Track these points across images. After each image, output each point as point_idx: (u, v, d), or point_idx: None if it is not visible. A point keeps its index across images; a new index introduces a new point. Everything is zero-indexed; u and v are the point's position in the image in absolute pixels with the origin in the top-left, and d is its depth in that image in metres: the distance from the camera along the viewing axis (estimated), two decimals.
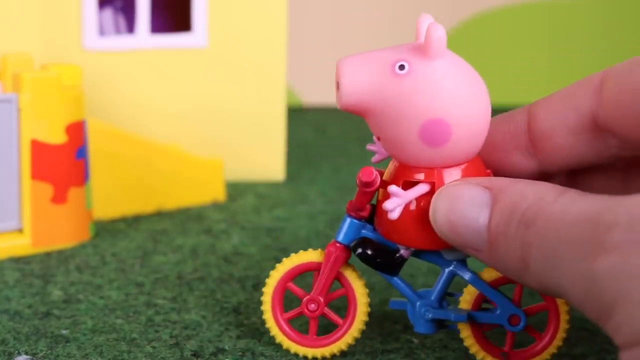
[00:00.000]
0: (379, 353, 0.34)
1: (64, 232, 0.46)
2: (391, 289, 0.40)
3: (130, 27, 0.54)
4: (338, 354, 0.34)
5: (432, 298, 0.33)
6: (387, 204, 0.30)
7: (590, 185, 0.34)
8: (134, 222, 0.50)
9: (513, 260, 0.27)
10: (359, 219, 0.33)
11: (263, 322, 0.35)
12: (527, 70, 0.73)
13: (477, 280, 0.32)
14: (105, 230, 0.48)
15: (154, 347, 0.35)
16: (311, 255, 0.34)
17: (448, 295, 0.33)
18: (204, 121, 0.56)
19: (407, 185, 0.31)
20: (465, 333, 0.33)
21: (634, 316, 0.23)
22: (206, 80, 0.55)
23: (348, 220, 0.33)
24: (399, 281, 0.33)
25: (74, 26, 0.52)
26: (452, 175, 0.31)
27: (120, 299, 0.40)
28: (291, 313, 0.34)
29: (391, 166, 0.32)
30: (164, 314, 0.38)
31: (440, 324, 0.33)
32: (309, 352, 0.34)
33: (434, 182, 0.30)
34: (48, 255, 0.45)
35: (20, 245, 0.45)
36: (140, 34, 0.54)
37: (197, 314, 0.38)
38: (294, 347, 0.34)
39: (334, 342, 0.34)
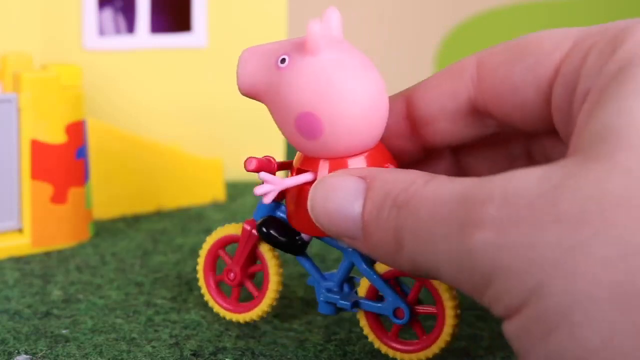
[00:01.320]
0: (378, 353, 0.34)
1: (63, 232, 0.46)
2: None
3: (130, 27, 0.54)
4: (250, 321, 0.36)
5: (333, 281, 0.34)
6: (256, 189, 0.31)
7: (476, 160, 0.36)
8: (133, 222, 0.50)
9: (387, 245, 0.28)
10: (276, 200, 0.34)
11: (260, 320, 0.36)
12: None
13: (368, 271, 0.33)
14: (105, 230, 0.48)
15: (153, 347, 0.35)
16: (235, 228, 0.36)
17: (348, 281, 0.34)
18: (204, 121, 0.56)
19: (299, 173, 0.32)
20: (362, 322, 0.34)
21: (512, 286, 0.24)
22: (206, 80, 0.55)
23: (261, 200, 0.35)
24: (305, 262, 0.34)
25: (74, 26, 0.52)
26: (341, 165, 0.31)
27: (120, 298, 0.40)
28: (218, 278, 0.37)
29: (297, 154, 0.33)
30: (163, 314, 0.38)
31: (340, 309, 0.34)
32: (227, 314, 0.37)
33: (316, 172, 0.31)
34: (48, 255, 0.45)
35: (20, 245, 0.45)
36: (140, 34, 0.54)
37: (196, 313, 0.38)
38: (216, 307, 0.37)
39: (247, 310, 0.36)
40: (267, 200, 0.31)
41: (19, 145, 0.45)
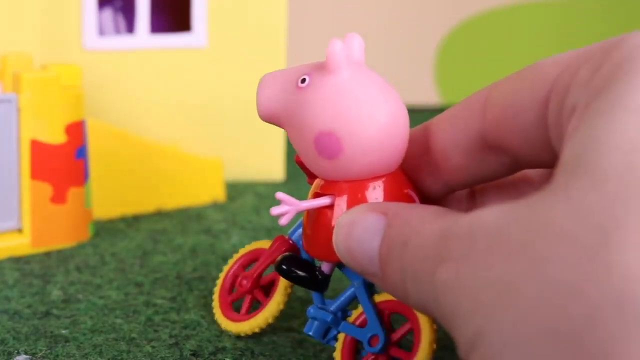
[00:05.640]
0: None
1: (63, 232, 0.46)
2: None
3: (130, 27, 0.54)
4: (258, 330, 0.35)
5: (332, 308, 0.33)
6: (273, 210, 0.31)
7: (490, 201, 0.34)
8: (133, 222, 0.50)
9: (398, 284, 0.27)
10: None
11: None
12: None
13: (365, 296, 0.32)
14: (105, 230, 0.48)
15: (153, 347, 0.35)
16: (262, 244, 0.37)
17: (343, 312, 0.33)
18: (204, 121, 0.56)
19: (317, 197, 0.31)
20: (337, 355, 0.33)
21: (463, 328, 0.23)
22: (206, 80, 0.55)
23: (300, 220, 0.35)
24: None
25: (74, 26, 0.52)
26: (360, 189, 0.31)
27: (120, 298, 0.40)
28: (233, 295, 0.37)
29: (317, 179, 0.32)
30: (163, 314, 0.38)
31: (325, 334, 0.33)
32: (233, 326, 0.36)
33: (334, 195, 0.31)
34: (47, 255, 0.45)
35: (19, 245, 0.45)
36: (140, 34, 0.54)
37: (196, 313, 0.38)
38: (224, 323, 0.36)
39: (254, 316, 0.36)
40: (284, 221, 0.30)
41: (18, 145, 0.45)
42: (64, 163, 0.46)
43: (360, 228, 0.28)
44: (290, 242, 0.35)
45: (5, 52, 0.49)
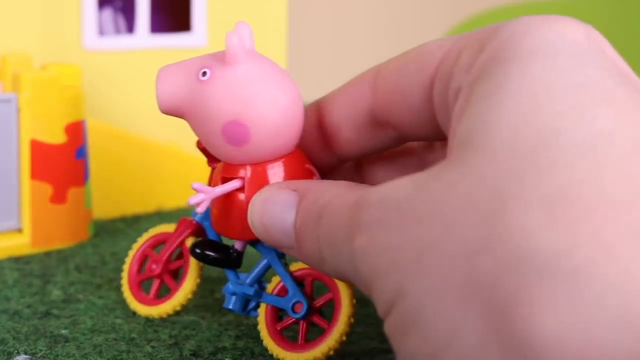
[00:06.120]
0: (378, 353, 0.34)
1: (63, 232, 0.46)
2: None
3: (130, 27, 0.54)
4: (166, 316, 0.37)
5: (247, 281, 0.35)
6: (190, 199, 0.32)
7: (376, 173, 0.37)
8: (133, 222, 0.50)
9: (314, 254, 0.29)
10: None
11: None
12: None
13: (280, 267, 0.34)
14: (105, 230, 0.48)
15: (153, 347, 0.35)
16: (169, 227, 0.38)
17: (258, 284, 0.35)
18: None
19: (225, 181, 0.33)
20: (260, 317, 0.34)
21: (382, 288, 0.25)
22: None
23: None
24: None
25: (74, 26, 0.52)
26: (267, 170, 0.33)
27: (120, 298, 0.40)
28: (141, 276, 0.38)
29: (220, 163, 0.34)
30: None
31: (246, 304, 0.35)
32: (142, 309, 0.38)
33: (244, 178, 0.33)
34: (47, 255, 0.45)
35: (19, 245, 0.45)
36: (140, 33, 0.54)
37: (196, 314, 0.38)
38: (133, 304, 0.38)
39: (163, 302, 0.37)
40: (201, 209, 0.33)
41: (18, 145, 0.45)
42: (64, 163, 0.46)
43: (274, 204, 0.31)
44: (195, 223, 0.37)
45: (5, 52, 0.49)
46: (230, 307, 0.35)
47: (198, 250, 0.35)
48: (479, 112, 0.26)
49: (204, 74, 0.32)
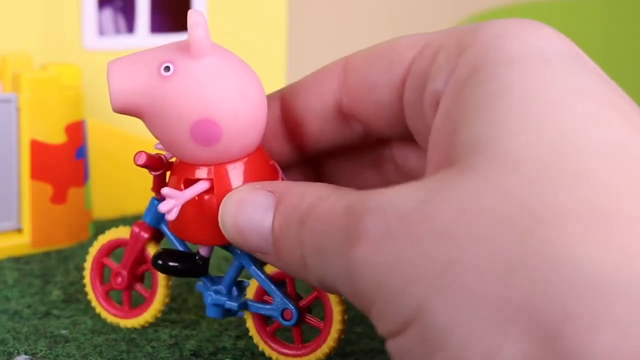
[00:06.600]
0: (378, 353, 0.34)
1: (63, 232, 0.46)
2: None
3: (130, 27, 0.54)
4: (146, 325, 0.36)
5: (222, 285, 0.33)
6: (161, 207, 0.30)
7: (332, 168, 0.35)
8: (133, 222, 0.50)
9: (295, 260, 0.27)
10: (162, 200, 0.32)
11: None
12: None
13: (257, 272, 0.32)
14: (105, 230, 0.48)
15: (153, 347, 0.35)
16: (122, 232, 0.36)
17: (237, 284, 0.34)
18: None
19: (188, 183, 0.31)
20: (249, 322, 0.33)
21: (393, 306, 0.23)
22: None
23: (153, 202, 0.35)
24: None
25: (74, 26, 0.52)
26: (235, 169, 0.31)
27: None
28: (106, 287, 0.37)
29: (176, 163, 0.32)
30: (163, 314, 0.38)
31: (228, 311, 0.33)
32: (121, 322, 0.36)
33: (212, 179, 0.31)
34: (47, 255, 0.45)
35: (19, 245, 0.45)
36: (140, 33, 0.54)
37: (196, 314, 0.38)
38: (110, 318, 0.37)
39: (139, 314, 0.36)
40: (171, 216, 0.30)
41: (18, 145, 0.45)
42: (64, 163, 0.45)
43: (249, 206, 0.29)
44: (149, 226, 0.35)
45: (5, 52, 0.49)
46: (212, 315, 0.34)
47: (160, 262, 0.33)
48: (487, 117, 0.24)
49: (167, 69, 0.30)
